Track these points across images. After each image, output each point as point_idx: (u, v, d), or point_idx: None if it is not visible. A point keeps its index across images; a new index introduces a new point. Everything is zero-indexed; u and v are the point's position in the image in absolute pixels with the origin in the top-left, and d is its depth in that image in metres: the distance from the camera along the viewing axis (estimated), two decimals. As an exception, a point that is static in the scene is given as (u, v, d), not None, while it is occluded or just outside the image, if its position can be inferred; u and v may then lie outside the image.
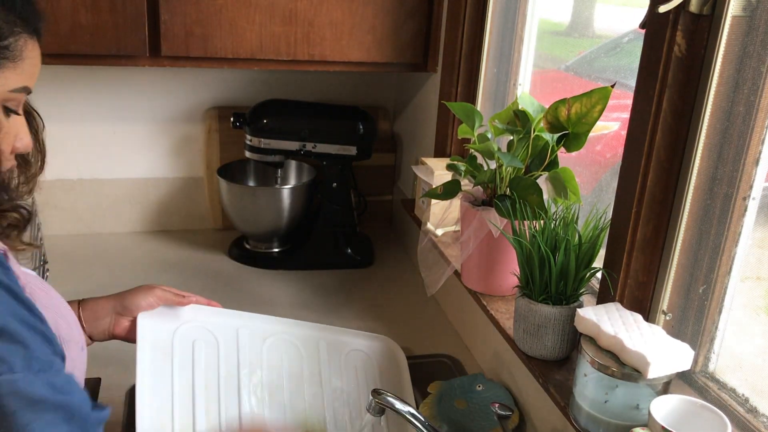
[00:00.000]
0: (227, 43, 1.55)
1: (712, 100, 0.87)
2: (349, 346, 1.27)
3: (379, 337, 1.30)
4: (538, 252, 1.02)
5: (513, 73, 1.51)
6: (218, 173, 1.79)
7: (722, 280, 0.90)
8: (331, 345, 1.26)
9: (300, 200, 1.79)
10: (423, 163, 1.60)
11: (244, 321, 1.21)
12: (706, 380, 0.92)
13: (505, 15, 1.52)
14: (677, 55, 0.88)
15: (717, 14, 0.85)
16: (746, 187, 0.86)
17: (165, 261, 1.81)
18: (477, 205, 1.23)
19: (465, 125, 1.23)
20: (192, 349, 1.16)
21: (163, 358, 1.13)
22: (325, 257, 1.82)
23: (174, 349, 1.15)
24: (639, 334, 0.88)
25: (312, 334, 1.25)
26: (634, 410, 0.88)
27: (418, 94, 1.89)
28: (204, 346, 1.17)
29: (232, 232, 1.93)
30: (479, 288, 1.28)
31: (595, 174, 1.31)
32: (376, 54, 1.65)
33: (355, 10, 1.59)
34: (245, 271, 1.78)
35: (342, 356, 1.26)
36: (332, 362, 1.25)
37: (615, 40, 1.31)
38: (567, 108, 1.06)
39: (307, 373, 1.22)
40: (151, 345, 1.12)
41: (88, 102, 1.81)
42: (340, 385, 1.22)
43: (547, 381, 1.03)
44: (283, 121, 1.74)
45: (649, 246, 0.97)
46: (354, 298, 1.66)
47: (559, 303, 1.03)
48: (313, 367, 1.23)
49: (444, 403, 1.20)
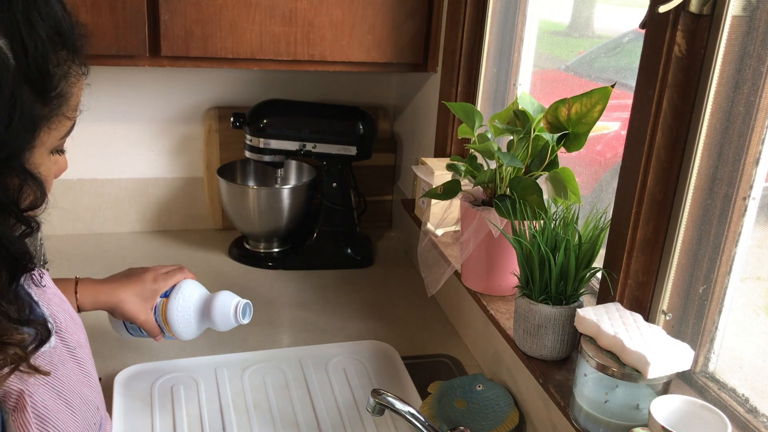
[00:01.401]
0: (227, 43, 1.55)
1: (712, 100, 0.87)
2: (336, 357, 1.27)
3: (363, 342, 1.30)
4: (538, 252, 1.02)
5: (513, 73, 1.51)
6: (218, 173, 1.79)
7: (722, 280, 0.90)
8: (316, 360, 1.26)
9: (300, 200, 1.79)
10: (423, 163, 1.60)
11: (220, 360, 1.22)
12: (706, 380, 0.92)
13: (505, 15, 1.52)
14: (677, 55, 0.88)
15: (717, 14, 0.85)
16: (746, 187, 0.86)
17: (165, 261, 1.79)
18: (477, 205, 1.23)
19: (465, 125, 1.23)
20: (171, 394, 1.17)
21: (142, 408, 1.14)
22: (325, 257, 1.82)
23: (154, 399, 1.16)
24: (639, 334, 0.88)
25: (294, 355, 1.25)
26: (634, 410, 0.88)
27: (418, 94, 1.89)
28: (183, 390, 1.17)
29: (232, 232, 1.94)
30: (479, 288, 1.28)
31: (595, 174, 1.31)
32: (376, 54, 1.65)
33: (355, 10, 1.59)
34: (245, 271, 1.78)
35: (330, 367, 1.26)
36: (319, 374, 1.25)
37: (615, 40, 1.31)
38: (567, 108, 1.06)
39: (294, 386, 1.22)
40: (130, 402, 1.14)
41: (88, 102, 1.81)
42: (333, 395, 1.22)
43: (547, 381, 1.03)
44: (283, 121, 1.74)
45: (649, 246, 0.97)
46: (354, 298, 1.66)
47: (559, 303, 1.03)
48: (299, 383, 1.23)
49: (444, 403, 1.20)
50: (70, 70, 0.64)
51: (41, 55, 0.59)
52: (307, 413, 1.17)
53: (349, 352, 1.33)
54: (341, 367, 1.29)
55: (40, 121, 0.61)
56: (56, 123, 0.64)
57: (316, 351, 1.33)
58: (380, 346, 1.36)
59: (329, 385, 1.24)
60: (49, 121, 0.63)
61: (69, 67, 0.64)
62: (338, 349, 1.35)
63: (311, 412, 1.18)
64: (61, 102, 0.63)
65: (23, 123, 0.58)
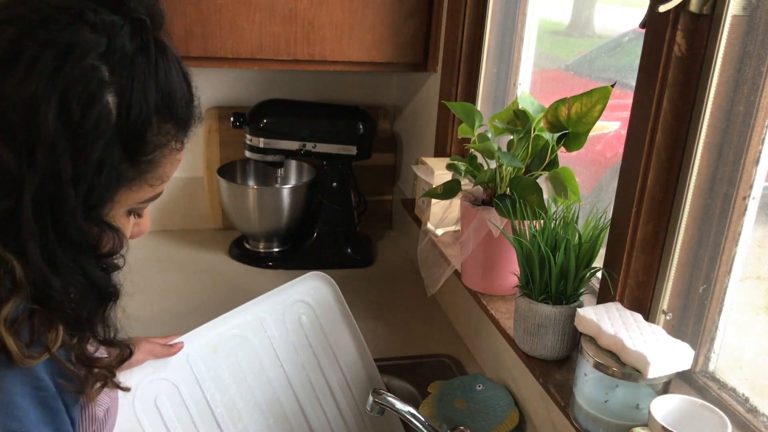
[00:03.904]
0: (227, 42, 1.55)
1: (712, 99, 0.87)
2: (286, 302, 1.24)
3: (305, 277, 1.28)
4: (538, 252, 1.02)
5: (513, 73, 1.51)
6: (218, 173, 1.79)
7: (722, 279, 0.90)
8: (273, 314, 1.22)
9: (300, 200, 1.79)
10: (423, 162, 1.59)
11: (188, 344, 1.18)
12: (706, 380, 0.92)
13: (505, 15, 1.52)
14: (677, 55, 0.88)
15: (717, 14, 0.85)
16: (746, 187, 0.85)
17: (165, 261, 1.81)
18: (477, 205, 1.23)
19: (465, 125, 1.23)
20: (157, 408, 1.11)
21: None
22: (325, 257, 1.82)
23: (140, 418, 1.10)
24: (639, 333, 0.88)
25: (252, 316, 1.22)
26: (634, 410, 0.88)
27: (418, 93, 1.89)
28: (167, 399, 1.13)
29: (232, 232, 1.93)
30: (479, 288, 1.28)
31: (595, 174, 1.31)
32: (376, 54, 1.65)
33: (355, 9, 1.59)
34: (245, 270, 1.78)
35: (285, 318, 1.23)
36: (280, 332, 1.22)
37: (615, 39, 1.31)
38: (567, 107, 1.06)
39: (265, 358, 1.20)
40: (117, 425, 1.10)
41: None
42: (295, 352, 1.22)
43: (547, 381, 1.03)
44: (283, 121, 1.74)
45: (649, 246, 0.97)
46: (354, 298, 1.66)
47: (559, 303, 1.03)
48: (267, 350, 1.21)
49: (444, 403, 1.20)
50: (168, 143, 0.67)
51: (142, 121, 0.63)
52: (281, 379, 1.19)
53: (296, 295, 1.27)
54: (295, 313, 1.26)
55: (122, 180, 0.64)
56: (137, 186, 0.67)
57: (271, 299, 1.28)
58: (319, 280, 1.32)
59: (289, 340, 1.22)
60: (131, 182, 0.66)
61: (168, 140, 0.67)
62: (287, 290, 1.28)
63: (284, 379, 1.19)
64: (149, 168, 0.66)
65: (108, 177, 0.62)
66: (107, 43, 0.60)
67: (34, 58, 0.58)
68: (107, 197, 0.64)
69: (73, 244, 0.62)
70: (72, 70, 0.58)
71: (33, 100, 0.57)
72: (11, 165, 0.58)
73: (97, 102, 0.59)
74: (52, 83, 0.57)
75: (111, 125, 0.60)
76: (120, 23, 0.62)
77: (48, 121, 0.57)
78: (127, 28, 0.62)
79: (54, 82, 0.58)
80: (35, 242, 0.59)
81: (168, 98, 0.65)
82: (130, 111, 0.61)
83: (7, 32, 0.59)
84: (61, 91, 0.58)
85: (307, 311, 1.25)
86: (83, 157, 0.59)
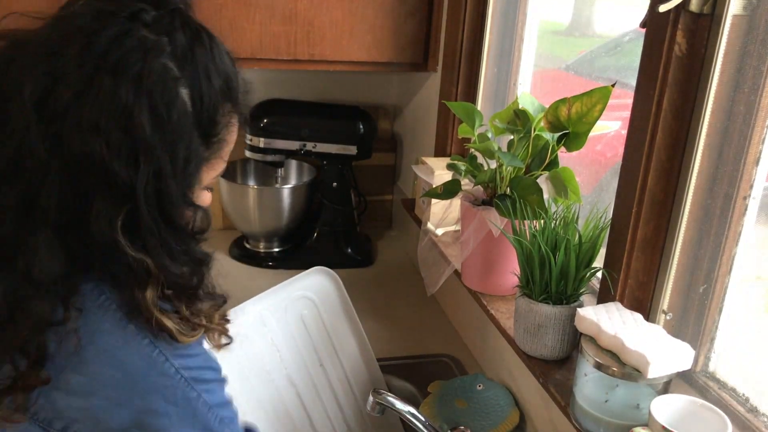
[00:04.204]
0: (227, 42, 1.51)
1: (712, 99, 0.87)
2: (289, 298, 1.23)
3: (309, 272, 1.27)
4: (538, 252, 1.02)
5: (513, 73, 1.51)
6: (218, 173, 1.79)
7: (722, 279, 0.90)
8: (276, 310, 1.22)
9: (300, 200, 1.79)
10: (423, 162, 1.59)
11: None
12: (707, 380, 0.92)
13: (506, 15, 1.52)
14: (677, 55, 0.88)
15: (717, 13, 0.84)
16: (746, 187, 0.85)
17: (165, 261, 1.81)
18: (477, 205, 1.22)
19: (465, 125, 1.23)
20: None
21: None
22: (325, 257, 1.82)
23: None
24: (639, 333, 0.88)
25: (254, 313, 1.20)
26: (634, 410, 0.88)
27: (418, 93, 1.89)
28: None
29: (233, 232, 1.93)
30: (479, 288, 1.28)
31: (596, 174, 1.31)
32: (377, 53, 1.65)
33: (355, 9, 1.59)
34: (245, 270, 1.78)
35: (288, 315, 1.22)
36: (282, 328, 1.22)
37: (615, 39, 1.31)
38: (567, 107, 1.06)
39: (267, 354, 1.19)
40: None
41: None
42: (297, 349, 1.21)
43: (547, 381, 1.03)
44: (283, 121, 1.74)
45: (649, 246, 0.97)
46: (354, 298, 1.66)
47: (560, 303, 1.03)
48: (269, 347, 1.20)
49: (444, 403, 1.20)
50: (231, 120, 0.72)
51: (213, 105, 0.68)
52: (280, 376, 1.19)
53: (299, 291, 1.27)
54: (298, 315, 1.26)
55: (204, 162, 0.69)
56: (214, 164, 0.72)
57: (273, 296, 1.28)
58: (322, 274, 1.31)
59: (294, 341, 1.22)
60: (209, 162, 0.71)
61: (231, 117, 0.72)
62: (290, 286, 1.27)
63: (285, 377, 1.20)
64: (221, 146, 0.71)
65: (196, 163, 0.67)
66: (168, 40, 0.64)
67: (115, 70, 0.60)
68: (195, 181, 0.68)
69: (179, 230, 0.68)
70: (151, 74, 0.62)
71: (126, 110, 0.60)
72: (123, 175, 0.61)
73: (176, 98, 0.63)
74: (138, 90, 0.61)
75: (189, 116, 0.65)
76: (168, 18, 0.65)
77: (144, 126, 0.61)
78: (177, 21, 0.66)
79: (140, 89, 0.61)
80: (154, 237, 0.64)
81: (226, 80, 0.70)
82: (202, 100, 0.66)
83: (73, 49, 0.61)
84: (147, 96, 0.61)
85: (310, 307, 1.25)
86: (175, 151, 0.64)
